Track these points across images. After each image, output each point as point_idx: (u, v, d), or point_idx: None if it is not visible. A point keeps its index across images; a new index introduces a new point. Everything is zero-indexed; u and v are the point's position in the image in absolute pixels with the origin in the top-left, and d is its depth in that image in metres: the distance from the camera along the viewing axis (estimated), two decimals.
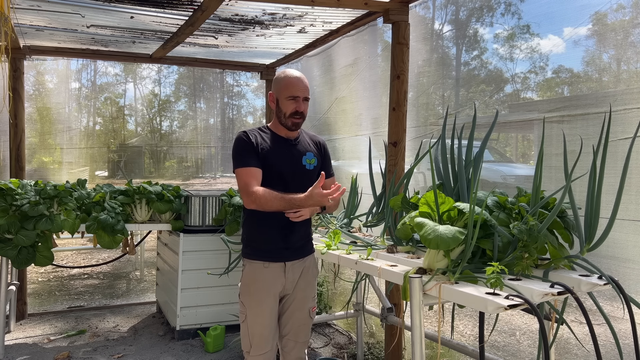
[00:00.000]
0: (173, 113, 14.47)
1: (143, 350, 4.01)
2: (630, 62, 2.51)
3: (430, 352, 3.47)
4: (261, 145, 2.38)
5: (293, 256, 2.46)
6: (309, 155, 2.48)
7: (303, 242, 2.51)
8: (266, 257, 2.41)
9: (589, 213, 1.96)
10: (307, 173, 2.46)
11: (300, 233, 2.47)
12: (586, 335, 1.99)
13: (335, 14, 3.79)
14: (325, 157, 2.59)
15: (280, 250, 2.42)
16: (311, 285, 2.53)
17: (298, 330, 2.50)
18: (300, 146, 2.49)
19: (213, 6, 3.38)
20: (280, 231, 2.41)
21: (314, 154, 2.51)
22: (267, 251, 2.41)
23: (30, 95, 5.87)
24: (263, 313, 2.38)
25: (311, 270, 2.54)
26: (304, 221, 2.46)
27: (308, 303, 2.51)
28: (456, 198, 2.27)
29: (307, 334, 2.55)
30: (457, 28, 4.00)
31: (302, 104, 2.38)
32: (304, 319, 2.51)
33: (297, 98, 2.36)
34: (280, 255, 2.42)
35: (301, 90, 2.38)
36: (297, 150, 2.47)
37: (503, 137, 5.09)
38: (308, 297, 2.51)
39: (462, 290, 1.69)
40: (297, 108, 2.37)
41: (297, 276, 2.46)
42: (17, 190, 3.66)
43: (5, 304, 3.77)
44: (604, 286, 1.82)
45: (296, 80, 2.39)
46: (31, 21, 3.97)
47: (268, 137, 2.44)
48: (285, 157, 2.41)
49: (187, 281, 4.14)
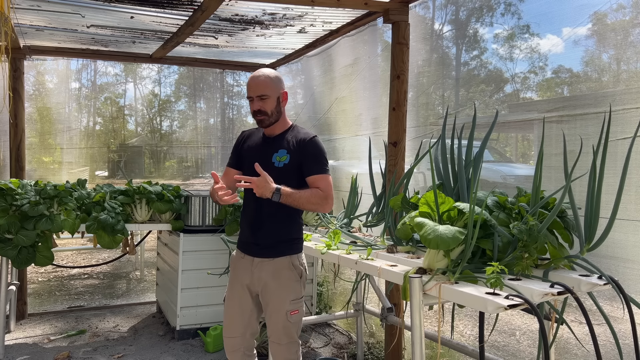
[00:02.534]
0: (173, 113, 14.46)
1: (143, 350, 4.01)
2: (630, 62, 2.51)
3: (430, 352, 3.47)
4: (245, 144, 2.60)
5: (261, 253, 2.47)
6: (280, 153, 2.46)
7: (273, 242, 2.46)
8: (240, 247, 2.57)
9: (589, 213, 1.96)
10: (275, 170, 2.41)
11: (269, 232, 2.46)
12: (586, 335, 1.99)
13: (335, 14, 3.79)
14: (305, 154, 2.44)
15: (250, 244, 2.51)
16: (287, 289, 2.45)
17: (279, 334, 2.48)
18: (276, 144, 2.49)
19: (213, 6, 3.38)
20: (250, 225, 2.50)
21: (287, 151, 2.45)
22: (241, 242, 2.57)
23: (30, 95, 5.87)
24: (232, 298, 2.55)
25: (285, 273, 2.45)
26: (277, 221, 2.45)
27: (285, 306, 2.44)
28: (456, 198, 2.27)
29: (290, 335, 2.49)
30: (457, 28, 4.00)
31: (256, 103, 2.42)
32: (283, 322, 2.46)
33: (251, 98, 2.44)
34: (249, 249, 2.51)
35: (252, 90, 2.43)
36: (269, 147, 2.50)
37: (503, 137, 5.10)
38: (284, 301, 2.44)
39: (462, 290, 1.69)
40: (252, 108, 2.45)
41: (264, 276, 2.44)
42: (17, 190, 3.66)
43: (5, 304, 3.77)
44: (603, 286, 1.82)
45: (250, 80, 2.47)
46: (31, 21, 3.97)
47: (256, 135, 2.60)
48: (255, 155, 2.50)
49: (187, 281, 4.14)
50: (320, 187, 2.38)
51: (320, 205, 2.38)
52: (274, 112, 2.45)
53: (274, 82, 2.44)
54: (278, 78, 2.48)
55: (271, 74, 2.46)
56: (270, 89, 2.42)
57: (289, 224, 2.49)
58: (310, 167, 2.42)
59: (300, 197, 2.33)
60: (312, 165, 2.42)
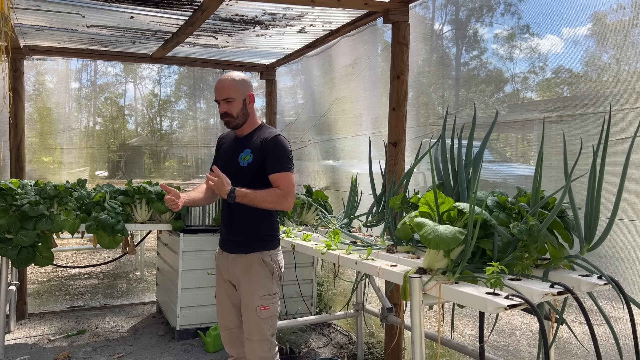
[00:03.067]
0: (173, 113, 14.45)
1: (143, 350, 4.01)
2: (630, 62, 2.51)
3: (430, 352, 3.47)
4: (222, 147, 2.74)
5: (234, 249, 2.57)
6: (245, 153, 2.53)
7: (244, 238, 2.55)
8: (219, 243, 2.70)
9: (589, 213, 1.96)
10: (241, 170, 2.51)
11: (240, 228, 2.55)
12: (586, 335, 1.99)
13: (335, 14, 3.79)
14: (267, 153, 2.48)
15: (226, 240, 2.63)
16: (257, 284, 2.51)
17: (250, 329, 2.52)
18: (243, 144, 2.58)
19: (213, 6, 3.38)
20: (225, 223, 2.63)
21: (251, 150, 2.52)
22: (220, 239, 2.71)
23: (30, 95, 5.87)
24: (220, 293, 2.68)
25: (255, 269, 2.52)
26: (246, 218, 2.53)
27: (255, 301, 2.50)
28: (456, 198, 2.27)
29: (261, 332, 2.52)
30: (457, 28, 4.00)
31: (222, 106, 2.52)
32: (253, 318, 2.51)
33: (217, 101, 2.54)
34: (225, 245, 2.63)
35: (218, 93, 2.53)
36: (237, 148, 2.58)
37: (503, 137, 5.10)
38: (254, 296, 2.50)
39: (462, 290, 1.69)
40: (220, 111, 2.55)
41: (237, 271, 2.55)
42: (17, 190, 3.66)
43: (5, 304, 3.77)
44: (603, 286, 1.82)
45: (216, 84, 2.55)
46: (31, 21, 3.97)
47: (230, 137, 2.72)
48: (226, 156, 2.64)
49: (187, 281, 4.14)
50: (279, 186, 2.44)
51: (279, 204, 2.45)
52: (240, 114, 2.53)
53: (239, 85, 2.52)
54: (244, 81, 2.55)
55: (237, 77, 2.54)
56: (236, 91, 2.50)
57: (259, 221, 2.55)
58: (271, 166, 2.48)
59: (255, 197, 2.41)
60: (273, 163, 2.47)
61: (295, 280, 4.47)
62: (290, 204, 2.47)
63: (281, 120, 5.85)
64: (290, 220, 4.14)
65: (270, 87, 5.75)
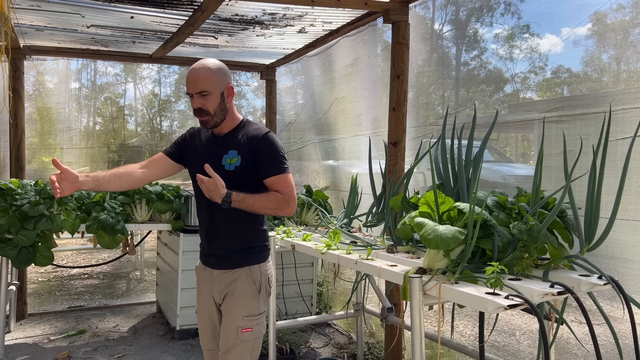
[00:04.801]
0: (173, 113, 14.47)
1: (143, 350, 4.01)
2: (630, 62, 2.51)
3: (430, 352, 3.47)
4: (191, 143, 2.31)
5: (218, 265, 2.25)
6: (230, 154, 2.17)
7: (230, 253, 2.23)
8: (201, 257, 2.40)
9: (589, 213, 1.96)
10: (227, 174, 2.13)
11: (226, 242, 2.23)
12: (586, 335, 1.99)
13: (335, 14, 3.79)
14: (259, 154, 2.16)
15: (208, 255, 2.32)
16: (241, 304, 2.20)
17: (227, 350, 2.20)
18: (226, 144, 2.20)
19: (213, 6, 3.38)
20: (206, 235, 2.31)
21: (237, 151, 2.17)
22: (201, 252, 2.40)
23: (30, 95, 5.87)
24: (201, 311, 2.35)
25: (241, 286, 2.21)
26: (233, 231, 2.22)
27: (236, 321, 2.19)
28: (456, 198, 2.27)
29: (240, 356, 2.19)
30: (457, 28, 4.00)
31: (196, 101, 2.11)
32: (232, 338, 2.19)
33: (190, 95, 2.14)
34: (207, 260, 2.32)
35: (190, 86, 2.12)
36: (219, 148, 2.20)
37: (503, 137, 5.10)
38: (236, 315, 2.19)
39: (462, 290, 1.69)
40: (193, 106, 2.15)
41: (223, 288, 2.23)
42: (17, 190, 3.66)
43: (5, 304, 3.77)
44: (603, 286, 1.82)
45: (188, 74, 2.13)
46: (31, 21, 3.97)
47: (204, 134, 2.31)
48: (202, 157, 2.22)
49: (187, 281, 4.14)
50: (279, 190, 2.14)
51: (280, 210, 2.14)
52: (218, 110, 2.13)
53: (216, 76, 2.11)
54: (221, 70, 2.14)
55: (213, 66, 2.12)
56: (212, 83, 2.10)
57: (246, 232, 2.24)
58: (265, 169, 2.15)
59: (254, 203, 2.09)
60: (267, 165, 2.15)
61: (295, 280, 4.47)
62: (292, 209, 2.17)
63: (281, 120, 5.85)
64: (290, 220, 4.14)
65: (270, 87, 5.75)
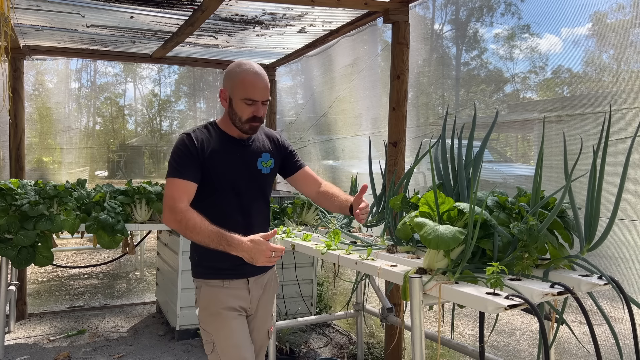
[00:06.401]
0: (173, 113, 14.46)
1: (143, 350, 4.01)
2: (630, 62, 2.51)
3: (430, 352, 3.47)
4: (208, 151, 2.06)
5: (256, 271, 2.14)
6: (264, 157, 2.16)
7: None
8: (226, 274, 2.09)
9: (589, 213, 1.96)
10: (262, 178, 2.16)
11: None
12: (586, 335, 1.99)
13: (335, 14, 3.79)
14: (288, 152, 2.28)
15: (241, 265, 2.03)
16: (271, 302, 2.32)
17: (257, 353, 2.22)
18: (255, 146, 2.17)
19: (213, 6, 3.38)
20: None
21: (270, 154, 2.20)
22: (225, 268, 2.09)
23: (30, 95, 5.87)
24: (233, 333, 2.05)
25: (272, 285, 2.30)
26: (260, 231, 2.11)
27: (267, 322, 2.28)
28: (456, 198, 2.27)
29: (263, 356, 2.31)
30: (457, 28, 4.00)
31: (262, 108, 2.05)
32: (262, 341, 2.26)
33: (255, 102, 2.03)
34: (242, 270, 2.10)
35: (261, 93, 2.03)
36: (250, 152, 2.15)
37: (503, 137, 5.10)
38: (268, 316, 2.28)
39: (462, 290, 1.69)
40: (255, 113, 2.03)
41: (259, 293, 2.20)
42: (17, 190, 3.66)
43: (5, 304, 3.77)
44: (604, 286, 1.82)
45: (255, 79, 2.01)
46: (31, 21, 3.97)
47: (217, 138, 2.11)
48: (236, 163, 2.10)
49: (187, 281, 4.14)
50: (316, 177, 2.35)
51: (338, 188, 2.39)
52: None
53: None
54: None
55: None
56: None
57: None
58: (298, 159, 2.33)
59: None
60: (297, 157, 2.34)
61: (295, 280, 4.47)
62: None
63: (281, 120, 5.85)
64: (290, 220, 4.14)
65: (270, 87, 5.74)
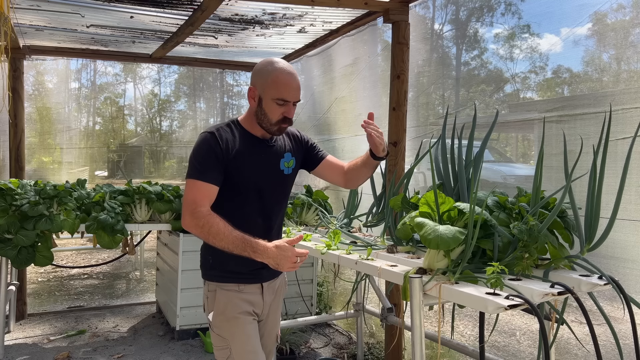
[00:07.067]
0: (173, 113, 14.45)
1: (143, 350, 4.01)
2: (630, 62, 2.51)
3: (430, 352, 3.47)
4: (233, 152, 1.98)
5: (270, 275, 2.12)
6: (286, 157, 2.11)
7: None
8: (241, 278, 2.05)
9: (589, 213, 1.96)
10: (285, 179, 2.12)
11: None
12: (586, 335, 1.99)
13: (335, 14, 3.79)
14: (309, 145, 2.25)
15: (258, 269, 2.03)
16: (280, 307, 2.29)
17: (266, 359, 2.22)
18: (278, 146, 2.10)
19: (213, 6, 3.38)
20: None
21: (291, 153, 2.14)
22: (241, 272, 2.05)
23: (30, 95, 5.87)
24: (250, 339, 2.02)
25: (282, 290, 2.29)
26: (277, 233, 2.15)
27: (276, 327, 2.26)
28: (456, 198, 2.27)
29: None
30: (457, 28, 4.00)
31: (292, 110, 1.98)
32: (271, 346, 2.24)
33: (287, 103, 1.95)
34: (257, 275, 2.07)
35: (294, 94, 1.95)
36: (274, 152, 2.08)
37: (503, 137, 5.10)
38: (277, 321, 2.27)
39: (462, 290, 1.69)
40: (285, 114, 1.96)
41: (271, 298, 2.18)
42: (16, 190, 3.65)
43: (5, 304, 3.76)
44: (604, 286, 1.82)
45: (288, 78, 1.94)
46: (31, 21, 3.97)
47: (240, 137, 2.02)
48: (261, 165, 2.04)
49: (187, 281, 4.14)
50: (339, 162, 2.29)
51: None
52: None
53: None
54: None
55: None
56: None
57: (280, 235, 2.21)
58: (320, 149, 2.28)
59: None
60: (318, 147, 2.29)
61: (295, 280, 4.47)
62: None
63: None
64: (290, 220, 4.14)
65: None
